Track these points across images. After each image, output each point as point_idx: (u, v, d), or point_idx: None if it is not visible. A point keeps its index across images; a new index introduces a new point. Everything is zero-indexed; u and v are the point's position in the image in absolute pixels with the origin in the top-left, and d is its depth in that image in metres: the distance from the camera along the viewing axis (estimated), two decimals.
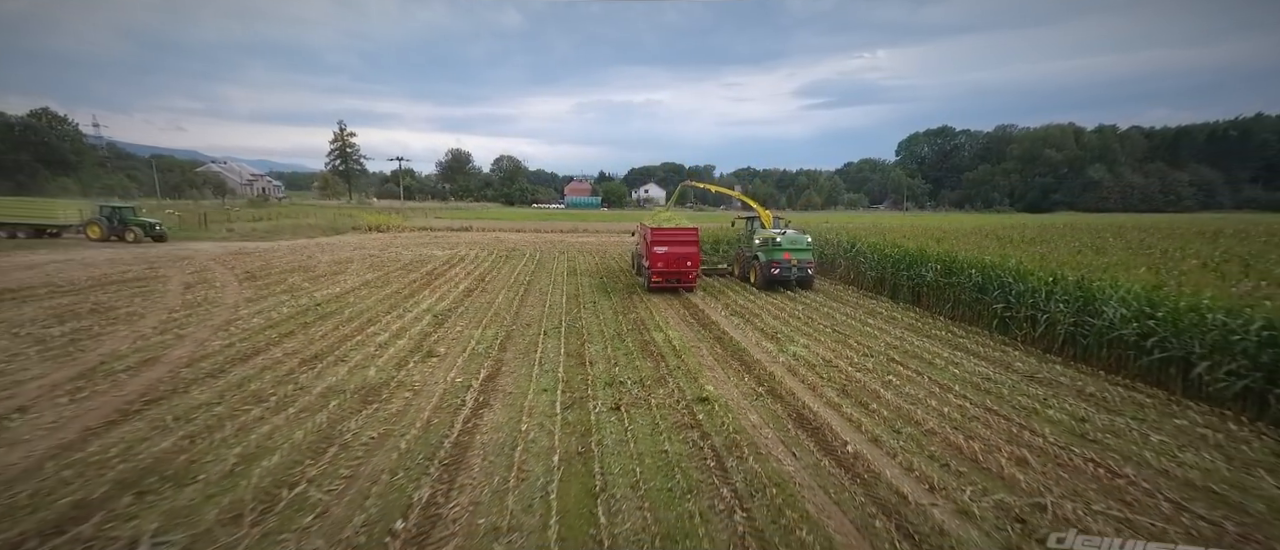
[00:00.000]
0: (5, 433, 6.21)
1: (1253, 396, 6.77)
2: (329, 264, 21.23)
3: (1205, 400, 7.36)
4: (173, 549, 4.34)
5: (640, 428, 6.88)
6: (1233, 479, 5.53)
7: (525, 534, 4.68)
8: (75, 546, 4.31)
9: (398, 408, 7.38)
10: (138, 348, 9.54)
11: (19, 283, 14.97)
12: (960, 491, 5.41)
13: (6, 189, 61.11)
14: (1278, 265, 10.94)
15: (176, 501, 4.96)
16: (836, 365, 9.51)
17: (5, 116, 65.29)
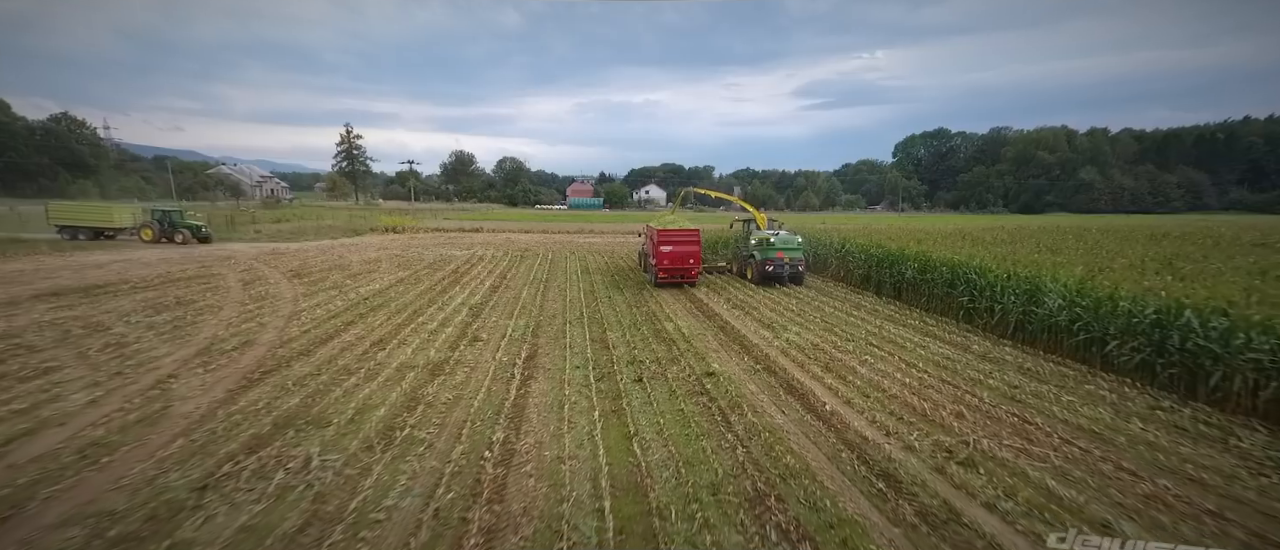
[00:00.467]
0: (173, 392, 7.90)
1: (1145, 367, 8.47)
2: (360, 263, 22.90)
3: (1113, 371, 9.07)
4: (334, 465, 6.02)
5: (659, 394, 8.55)
6: (1112, 423, 7.23)
7: (581, 461, 6.36)
8: (269, 459, 6.00)
9: (461, 379, 9.05)
10: (233, 333, 11.23)
11: (99, 280, 16.66)
12: (908, 435, 7.09)
13: (29, 191, 62.88)
14: (1190, 264, 12.64)
15: (323, 437, 6.65)
16: (822, 348, 11.18)
17: (26, 121, 66.93)
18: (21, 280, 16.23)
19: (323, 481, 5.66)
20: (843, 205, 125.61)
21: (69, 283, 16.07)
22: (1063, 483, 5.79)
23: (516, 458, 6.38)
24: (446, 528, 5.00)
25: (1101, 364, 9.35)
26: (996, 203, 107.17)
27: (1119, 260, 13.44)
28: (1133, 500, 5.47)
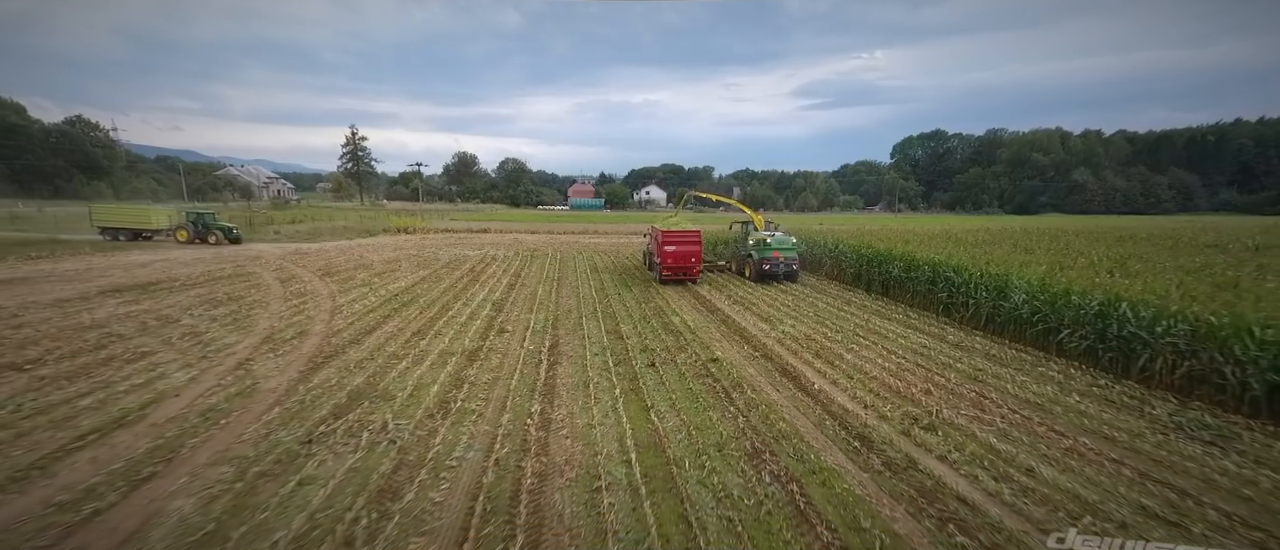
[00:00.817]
0: (254, 372, 9.19)
1: (1090, 352, 9.76)
2: (381, 263, 24.17)
3: (1064, 356, 10.36)
4: (406, 428, 7.30)
5: (670, 376, 9.83)
6: (1053, 397, 8.53)
7: (608, 426, 7.63)
8: (353, 422, 7.29)
9: (496, 363, 10.33)
10: (287, 324, 12.51)
11: (149, 278, 17.95)
12: (882, 407, 8.37)
13: (45, 193, 64.13)
14: (1140, 263, 13.94)
15: (392, 407, 7.93)
16: (814, 339, 12.46)
17: (42, 124, 68.21)
18: (82, 278, 17.52)
19: (401, 439, 6.95)
20: (841, 206, 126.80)
21: (124, 280, 17.36)
22: (1002, 441, 7.08)
23: (554, 424, 7.67)
24: (506, 472, 6.28)
25: (1057, 350, 10.64)
26: (992, 204, 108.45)
27: (1081, 260, 14.73)
28: (1055, 452, 6.77)
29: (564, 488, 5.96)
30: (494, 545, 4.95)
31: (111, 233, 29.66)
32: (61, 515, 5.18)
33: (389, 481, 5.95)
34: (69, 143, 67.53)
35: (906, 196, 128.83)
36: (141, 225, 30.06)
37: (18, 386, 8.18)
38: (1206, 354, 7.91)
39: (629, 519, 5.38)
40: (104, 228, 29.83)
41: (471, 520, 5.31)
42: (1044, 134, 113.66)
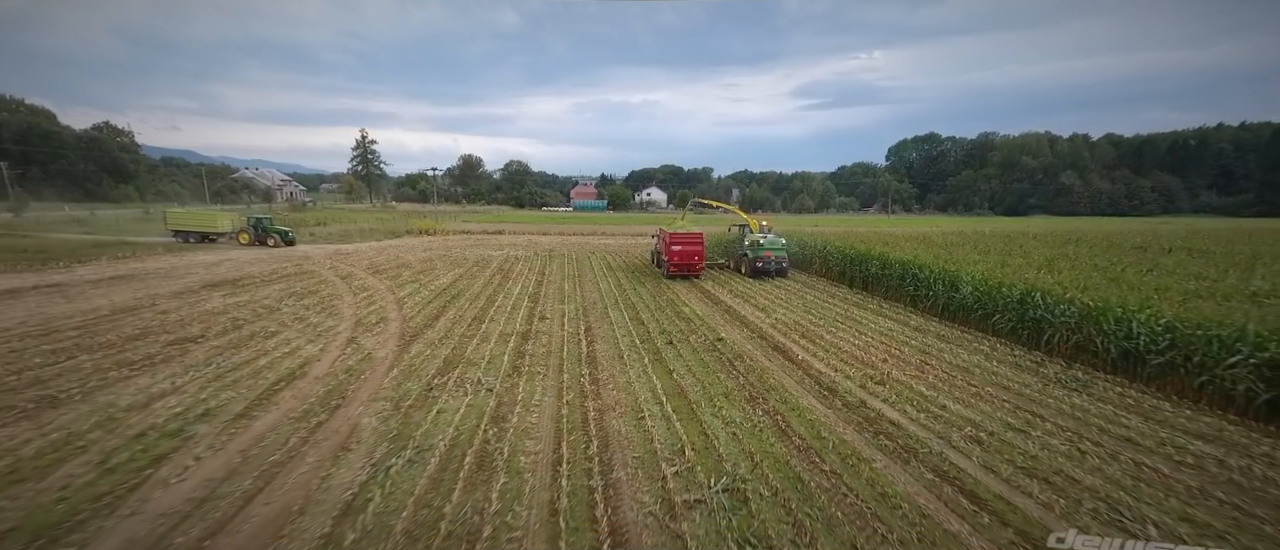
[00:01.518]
0: (363, 347, 11.76)
1: (1014, 331, 12.35)
2: (418, 262, 26.72)
3: (995, 335, 12.95)
4: (495, 384, 9.85)
5: (685, 350, 12.38)
6: (977, 364, 11.11)
7: (642, 383, 10.17)
8: (455, 379, 9.85)
9: (545, 341, 12.88)
10: (368, 312, 15.08)
11: (231, 275, 20.53)
12: (848, 370, 10.93)
13: (77, 195, 66.65)
14: (1066, 262, 16.56)
15: (478, 370, 10.49)
16: (801, 324, 15.02)
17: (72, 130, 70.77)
18: (175, 275, 20.11)
19: (494, 389, 9.51)
20: (837, 207, 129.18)
21: (211, 277, 19.94)
22: (930, 390, 9.66)
23: (601, 381, 10.22)
24: (575, 409, 8.82)
25: (991, 331, 13.22)
26: (983, 205, 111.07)
27: (1021, 260, 17.32)
28: (965, 396, 9.35)
29: (618, 418, 8.51)
30: (579, 446, 7.49)
31: (184, 235, 32.22)
32: (298, 426, 7.74)
33: (496, 412, 8.52)
34: (98, 148, 70.14)
35: (901, 198, 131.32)
36: (209, 229, 32.61)
37: (202, 355, 10.75)
38: (1086, 329, 10.49)
39: (666, 434, 7.94)
40: (177, 231, 32.40)
41: (560, 434, 7.87)
42: (1033, 137, 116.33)
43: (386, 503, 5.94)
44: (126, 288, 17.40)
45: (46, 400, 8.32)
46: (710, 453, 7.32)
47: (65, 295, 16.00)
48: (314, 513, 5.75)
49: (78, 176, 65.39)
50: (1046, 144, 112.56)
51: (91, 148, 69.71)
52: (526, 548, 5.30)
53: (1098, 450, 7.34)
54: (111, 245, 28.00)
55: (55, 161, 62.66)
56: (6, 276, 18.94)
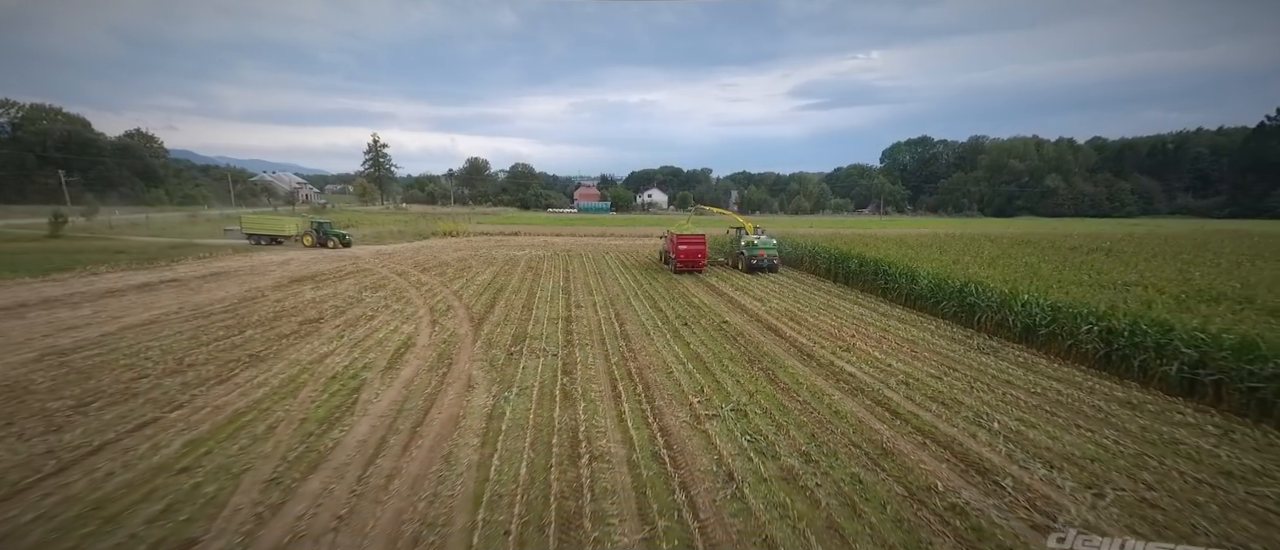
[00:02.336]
0: (445, 327, 14.96)
1: (954, 314, 15.59)
2: (455, 261, 29.89)
3: (941, 318, 16.19)
4: (559, 350, 13.05)
5: (698, 329, 15.58)
6: (922, 338, 14.35)
7: (667, 350, 13.37)
8: (527, 348, 13.06)
9: (585, 324, 16.05)
10: (436, 302, 18.26)
11: (305, 273, 23.72)
12: (822, 343, 14.12)
13: (113, 199, 69.76)
14: (1006, 260, 19.85)
15: (541, 342, 13.69)
16: (790, 311, 18.20)
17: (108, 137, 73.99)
18: (257, 273, 23.32)
19: (557, 356, 12.70)
20: (832, 209, 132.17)
21: (289, 274, 23.15)
22: (883, 355, 12.86)
23: (635, 350, 13.40)
24: (620, 368, 12.00)
25: (939, 314, 16.45)
26: (972, 207, 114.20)
27: (971, 258, 20.58)
28: (906, 358, 12.55)
29: (652, 372, 11.69)
30: (628, 388, 10.66)
31: (257, 238, 35.38)
32: (429, 375, 10.94)
33: (564, 368, 11.71)
34: (131, 154, 73.29)
35: (893, 200, 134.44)
36: (278, 232, 35.76)
37: (331, 331, 13.95)
38: (1002, 311, 13.73)
39: (688, 381, 11.11)
40: (251, 233, 35.60)
41: (613, 380, 11.04)
42: (1020, 141, 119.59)
43: (513, 416, 9.14)
44: (229, 282, 20.63)
45: (254, 357, 11.53)
46: (720, 390, 10.53)
47: (189, 288, 19.22)
48: (471, 419, 8.95)
49: (113, 181, 68.53)
50: (1033, 147, 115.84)
51: (125, 154, 72.90)
52: (607, 445, 8.49)
53: (984, 388, 10.56)
54: (185, 247, 31.20)
55: (93, 167, 65.79)
56: (127, 274, 22.13)
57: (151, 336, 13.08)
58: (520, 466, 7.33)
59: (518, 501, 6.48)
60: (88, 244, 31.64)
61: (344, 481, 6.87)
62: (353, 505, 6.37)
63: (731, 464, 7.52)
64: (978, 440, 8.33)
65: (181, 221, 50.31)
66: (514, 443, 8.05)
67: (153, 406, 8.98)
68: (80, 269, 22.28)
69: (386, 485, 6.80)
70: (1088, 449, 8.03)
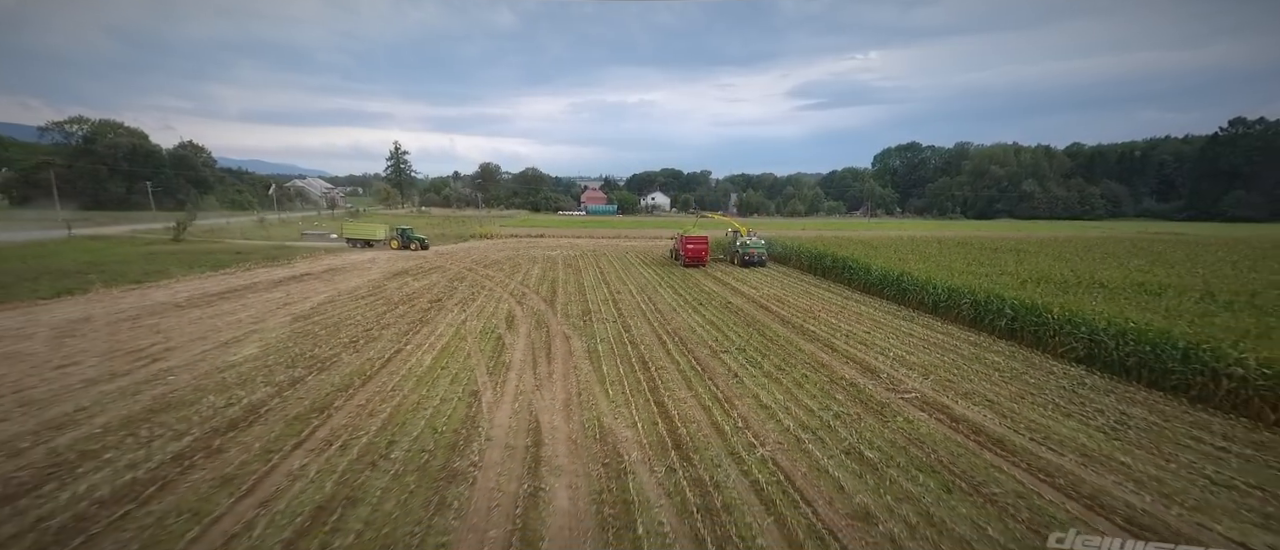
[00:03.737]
0: (530, 305, 20.63)
1: (895, 296, 21.26)
2: (504, 259, 35.48)
3: (885, 299, 21.88)
4: (618, 318, 18.70)
5: (708, 308, 21.20)
6: (872, 314, 20.04)
7: (690, 320, 19.00)
8: (597, 318, 18.73)
9: (628, 303, 21.68)
10: (515, 287, 23.90)
11: (399, 269, 29.40)
12: (798, 315, 19.77)
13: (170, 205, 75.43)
14: (947, 258, 25.55)
15: (605, 313, 19.35)
16: (776, 295, 23.81)
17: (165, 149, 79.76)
18: (359, 270, 28.98)
19: (620, 323, 18.35)
20: (825, 211, 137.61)
21: (385, 271, 28.82)
22: (836, 321, 18.53)
23: (666, 321, 19.06)
24: (659, 330, 17.63)
25: (884, 296, 22.12)
26: (956, 210, 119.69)
27: (916, 257, 26.22)
28: (850, 322, 18.22)
29: (682, 331, 17.34)
30: (666, 341, 16.28)
31: (355, 242, 40.88)
32: (536, 335, 16.59)
33: (622, 329, 17.35)
34: (185, 164, 79.07)
35: (884, 203, 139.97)
36: (371, 237, 41.20)
37: (454, 307, 19.62)
38: (922, 292, 19.39)
39: (707, 336, 16.74)
40: (350, 238, 41.17)
41: (657, 336, 16.68)
42: (1001, 148, 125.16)
43: (603, 351, 14.74)
44: (349, 276, 26.33)
45: (419, 322, 17.19)
46: (728, 340, 16.17)
47: (325, 280, 24.92)
48: (578, 354, 14.58)
49: (171, 188, 74.21)
50: (1012, 154, 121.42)
51: (181, 164, 78.63)
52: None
53: (893, 337, 16.22)
54: (286, 249, 36.91)
55: (154, 177, 71.48)
56: (270, 270, 27.82)
57: (340, 309, 18.78)
58: (618, 368, 12.99)
59: (619, 384, 12.13)
60: (207, 247, 37.34)
61: (526, 375, 12.51)
62: (537, 385, 12.00)
63: (736, 370, 13.18)
64: (876, 360, 14.00)
65: (253, 226, 56.08)
66: (608, 362, 13.68)
67: (389, 345, 14.63)
68: (235, 267, 28.00)
69: (548, 377, 12.43)
70: (933, 362, 13.70)
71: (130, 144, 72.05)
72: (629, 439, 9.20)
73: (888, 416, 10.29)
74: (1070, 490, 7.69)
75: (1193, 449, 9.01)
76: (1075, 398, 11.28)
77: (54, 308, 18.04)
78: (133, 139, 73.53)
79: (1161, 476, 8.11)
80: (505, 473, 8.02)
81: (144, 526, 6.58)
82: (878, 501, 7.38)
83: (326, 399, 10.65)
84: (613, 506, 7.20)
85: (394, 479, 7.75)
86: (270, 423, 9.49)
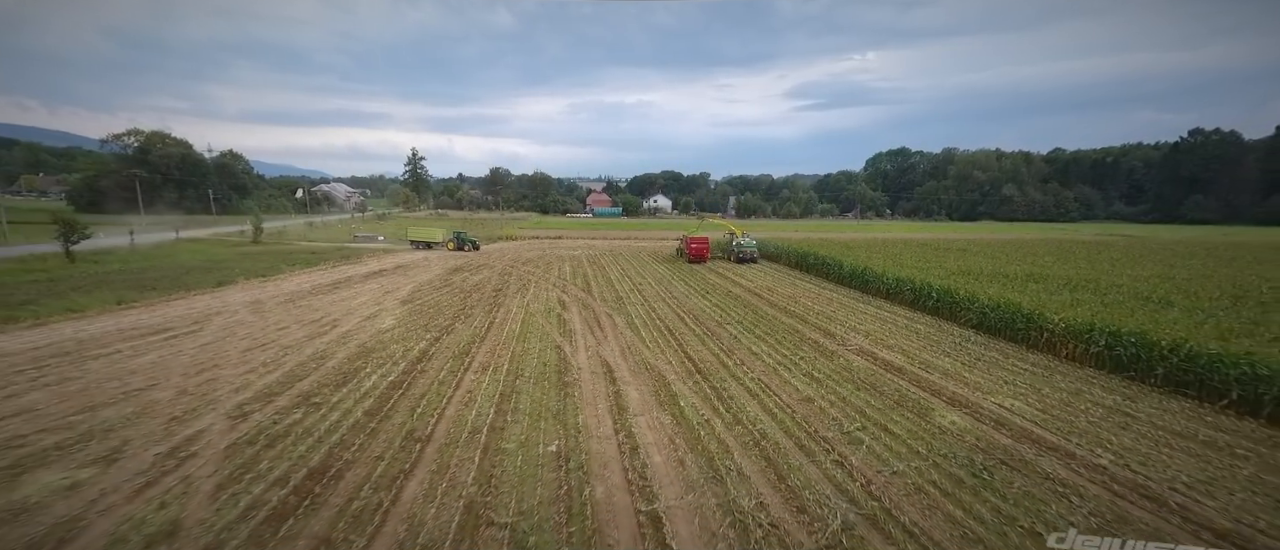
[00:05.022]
0: (571, 292, 25.85)
1: (861, 287, 26.48)
2: (536, 258, 40.63)
3: (853, 288, 27.11)
4: (659, 296, 23.91)
5: (713, 296, 26.40)
6: (844, 300, 25.29)
7: (699, 302, 24.20)
8: (643, 294, 23.96)
9: (652, 291, 26.84)
10: (551, 280, 29.08)
11: (458, 265, 34.61)
12: (784, 301, 24.99)
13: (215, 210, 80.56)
14: (904, 257, 30.78)
15: (648, 292, 24.56)
16: (767, 286, 28.96)
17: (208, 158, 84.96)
18: (424, 267, 34.16)
19: (646, 306, 23.53)
20: (819, 213, 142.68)
21: (445, 268, 34.00)
22: (813, 304, 23.74)
23: (682, 304, 24.26)
24: (677, 310, 22.81)
25: (853, 286, 27.34)
26: (941, 213, 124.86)
27: (881, 255, 31.40)
28: (820, 305, 23.44)
29: (697, 312, 22.52)
30: (685, 315, 21.46)
31: (418, 244, 45.88)
32: (586, 310, 21.79)
33: (650, 309, 22.53)
34: (228, 172, 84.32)
35: (874, 206, 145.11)
36: (432, 239, 46.13)
37: (514, 293, 24.82)
38: (879, 282, 24.58)
39: (713, 312, 21.91)
40: (414, 241, 46.14)
41: (677, 313, 21.86)
42: (984, 154, 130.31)
43: (640, 323, 19.95)
44: (417, 271, 31.53)
45: (494, 303, 22.38)
46: (729, 316, 21.34)
47: (397, 275, 30.11)
48: (620, 324, 19.80)
49: (216, 194, 79.37)
50: (994, 159, 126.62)
51: (223, 172, 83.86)
52: None
53: (851, 314, 21.43)
54: (350, 250, 42.10)
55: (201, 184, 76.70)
56: (345, 268, 33.01)
57: (429, 296, 23.93)
58: (651, 333, 18.18)
59: (654, 342, 17.32)
60: (283, 248, 42.56)
61: (588, 337, 17.65)
62: (598, 343, 17.15)
63: (736, 334, 18.36)
64: (834, 328, 19.17)
65: (304, 229, 61.32)
66: (644, 330, 18.86)
67: (483, 320, 19.78)
68: (322, 265, 33.22)
69: (604, 338, 17.58)
70: (874, 329, 18.89)
71: (180, 154, 77.21)
72: (667, 369, 14.38)
73: (834, 358, 15.49)
74: (929, 389, 12.87)
75: (1007, 368, 14.21)
76: (958, 347, 16.50)
77: (226, 295, 23.22)
78: (181, 149, 78.66)
79: (981, 381, 13.31)
80: (595, 384, 13.19)
81: (419, 395, 11.78)
82: (816, 394, 12.57)
83: (465, 349, 15.82)
84: (663, 397, 12.37)
85: (534, 385, 12.92)
86: (440, 360, 14.67)
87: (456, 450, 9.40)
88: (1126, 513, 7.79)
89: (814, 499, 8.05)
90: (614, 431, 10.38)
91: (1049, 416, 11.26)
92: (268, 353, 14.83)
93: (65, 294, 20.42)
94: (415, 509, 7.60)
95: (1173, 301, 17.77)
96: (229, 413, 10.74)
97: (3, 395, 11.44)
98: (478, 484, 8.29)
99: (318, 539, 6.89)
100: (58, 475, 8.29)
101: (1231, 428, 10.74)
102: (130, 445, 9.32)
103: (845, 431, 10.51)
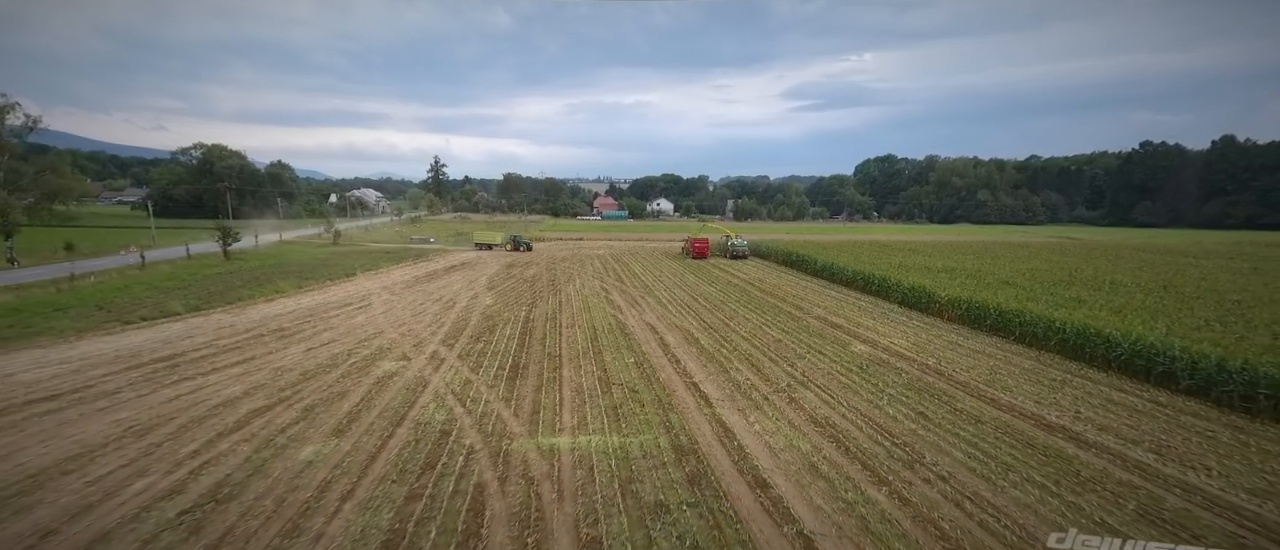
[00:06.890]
0: (610, 281, 33.03)
1: (833, 280, 33.67)
2: (568, 257, 47.69)
3: (825, 279, 34.30)
4: (684, 286, 31.06)
5: (717, 285, 33.51)
6: (820, 289, 32.49)
7: (706, 287, 31.33)
8: (681, 281, 31.17)
9: (667, 281, 33.96)
10: (588, 274, 36.21)
11: (517, 262, 41.77)
12: (770, 288, 32.14)
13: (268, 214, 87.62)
14: (874, 256, 37.98)
15: (674, 285, 31.72)
16: (759, 278, 36.03)
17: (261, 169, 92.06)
18: (486, 264, 41.32)
19: (669, 292, 30.66)
20: (810, 216, 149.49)
21: (500, 264, 41.17)
22: (796, 293, 30.90)
23: (693, 290, 31.39)
24: (690, 295, 29.97)
25: (828, 279, 34.51)
26: (922, 216, 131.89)
27: (850, 254, 38.54)
28: (798, 291, 30.61)
29: (707, 295, 29.65)
30: (697, 297, 28.58)
31: (481, 246, 52.37)
32: (626, 295, 28.89)
33: (672, 294, 29.67)
34: (278, 180, 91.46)
35: (862, 209, 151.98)
36: (491, 242, 52.85)
37: (565, 283, 31.94)
38: (849, 275, 31.73)
39: (717, 296, 29.01)
40: (478, 243, 52.88)
41: (692, 297, 28.97)
42: (962, 161, 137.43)
43: (667, 303, 27.09)
44: (483, 267, 38.66)
45: (552, 290, 29.49)
46: (729, 298, 28.48)
47: (468, 270, 37.21)
48: (651, 306, 26.95)
49: (268, 200, 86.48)
50: (972, 167, 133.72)
51: (274, 180, 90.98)
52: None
53: (820, 296, 28.59)
54: (416, 251, 49.21)
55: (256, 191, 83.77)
56: (424, 265, 40.09)
57: (503, 284, 31.02)
58: (677, 309, 25.33)
59: (680, 314, 24.49)
60: (360, 249, 49.64)
61: (633, 311, 24.76)
62: (640, 314, 24.27)
63: (735, 309, 25.51)
64: (804, 305, 26.31)
65: (361, 232, 68.53)
66: (670, 307, 26.00)
67: (552, 300, 26.86)
68: (404, 262, 40.34)
69: (645, 312, 24.69)
70: (834, 306, 26.05)
71: (238, 164, 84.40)
72: (691, 328, 21.50)
73: (800, 321, 22.63)
74: (854, 334, 19.98)
75: (908, 325, 21.35)
76: (883, 314, 23.70)
77: (357, 284, 30.31)
78: (238, 160, 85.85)
79: (887, 331, 20.45)
80: (646, 334, 20.30)
81: (540, 338, 18.93)
82: (784, 338, 19.69)
83: (551, 315, 22.94)
84: (690, 339, 19.47)
85: (609, 337, 20.02)
86: (540, 323, 21.77)
87: (579, 361, 16.55)
88: (922, 379, 14.94)
89: (773, 378, 15.19)
90: (664, 355, 17.54)
91: (917, 347, 18.45)
92: (427, 316, 22.01)
93: (261, 283, 27.62)
94: (572, 377, 14.77)
95: (1017, 284, 25.13)
96: (442, 341, 17.92)
97: (320, 328, 18.73)
98: (598, 374, 15.43)
99: (532, 388, 14.05)
100: (394, 363, 15.49)
101: (1018, 350, 17.94)
102: (410, 356, 16.49)
103: (798, 354, 17.68)
